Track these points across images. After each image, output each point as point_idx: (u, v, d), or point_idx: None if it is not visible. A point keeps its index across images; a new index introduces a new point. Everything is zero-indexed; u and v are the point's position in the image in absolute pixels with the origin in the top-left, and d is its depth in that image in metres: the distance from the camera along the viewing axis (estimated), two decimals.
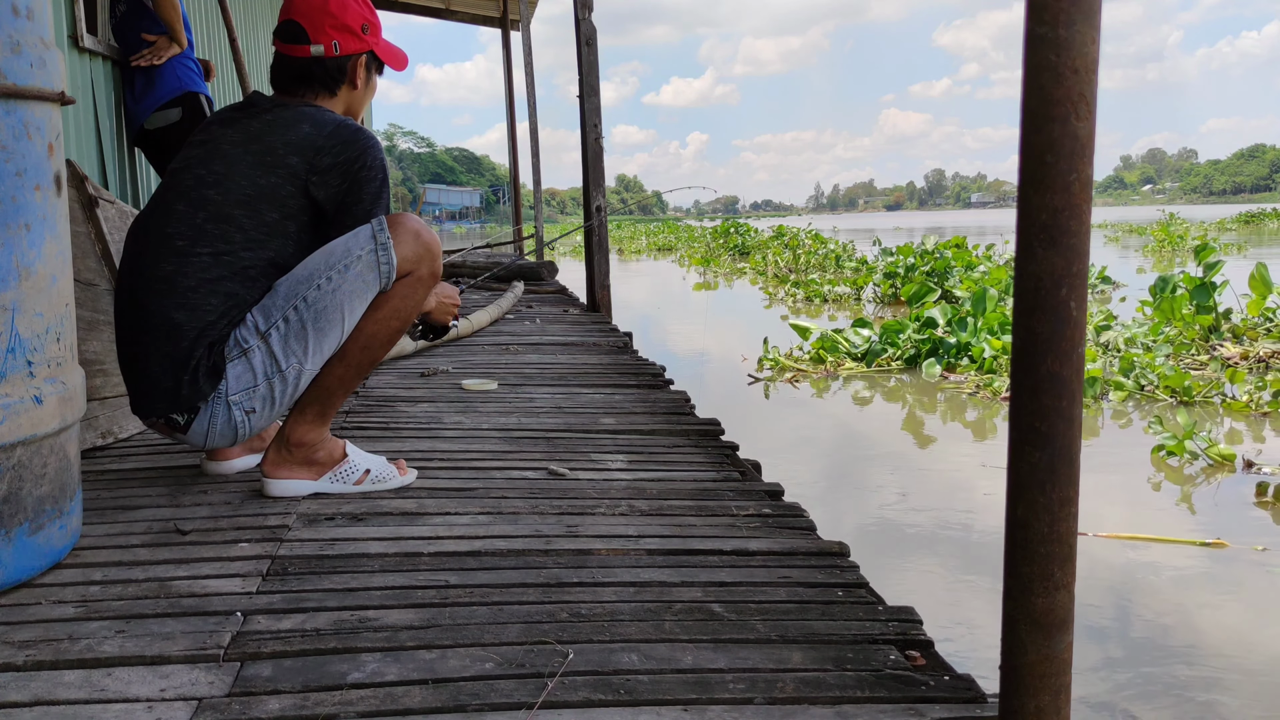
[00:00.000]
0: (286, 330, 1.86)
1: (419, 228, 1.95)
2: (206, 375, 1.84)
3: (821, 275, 13.14)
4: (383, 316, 1.92)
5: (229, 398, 1.86)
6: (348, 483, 2.00)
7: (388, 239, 1.89)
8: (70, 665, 1.27)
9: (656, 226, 43.66)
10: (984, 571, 3.04)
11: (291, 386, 1.89)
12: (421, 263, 1.93)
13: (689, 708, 1.17)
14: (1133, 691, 2.28)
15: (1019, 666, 1.01)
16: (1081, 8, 0.93)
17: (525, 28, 9.70)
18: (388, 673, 1.24)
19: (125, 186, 4.20)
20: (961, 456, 4.39)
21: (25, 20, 1.47)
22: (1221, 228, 28.76)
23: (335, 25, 2.03)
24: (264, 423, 1.92)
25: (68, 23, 3.67)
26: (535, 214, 9.96)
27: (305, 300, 1.86)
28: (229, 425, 1.88)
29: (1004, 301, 7.11)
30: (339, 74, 2.05)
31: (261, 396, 1.88)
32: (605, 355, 3.96)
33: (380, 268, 1.88)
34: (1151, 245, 20.19)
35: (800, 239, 18.70)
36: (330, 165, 1.91)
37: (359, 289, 1.88)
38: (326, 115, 1.97)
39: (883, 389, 5.93)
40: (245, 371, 1.85)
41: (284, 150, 1.90)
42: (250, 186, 1.88)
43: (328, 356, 1.91)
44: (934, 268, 9.95)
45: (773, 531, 1.80)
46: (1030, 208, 0.96)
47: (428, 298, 2.13)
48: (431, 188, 67.47)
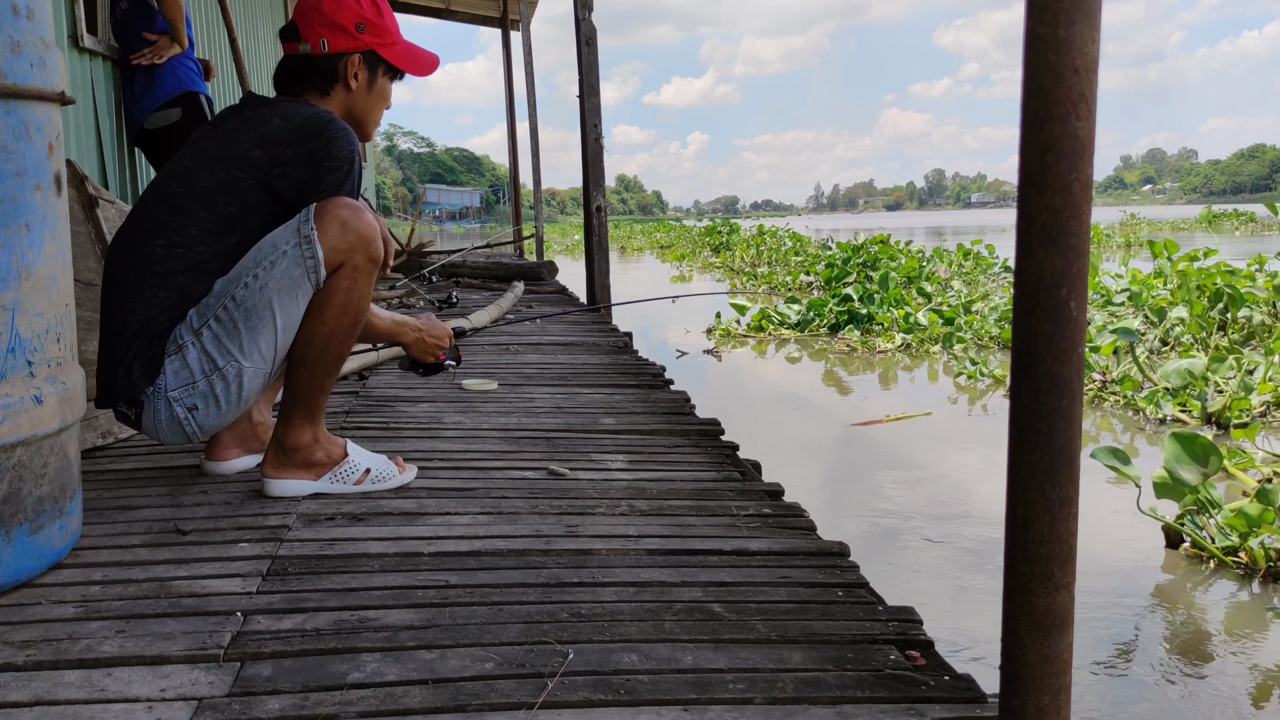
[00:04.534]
0: (219, 329, 1.82)
1: (349, 215, 1.84)
2: (142, 369, 1.82)
3: (772, 268, 15.41)
4: (330, 316, 1.86)
5: (168, 394, 1.83)
6: (348, 483, 1.99)
7: (311, 230, 1.81)
8: (70, 665, 1.27)
9: (652, 226, 45.08)
10: (984, 571, 3.04)
11: (235, 385, 1.84)
12: (354, 252, 1.84)
13: (689, 708, 1.17)
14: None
15: (1019, 666, 1.01)
16: (1081, 8, 0.93)
17: (525, 28, 9.70)
18: (388, 673, 1.24)
19: (125, 186, 4.20)
20: (864, 400, 5.85)
21: (25, 20, 1.47)
22: (1174, 228, 30.61)
23: (324, 23, 1.99)
24: (213, 421, 1.88)
25: (68, 23, 3.67)
26: (535, 214, 9.96)
27: (234, 299, 1.82)
28: (174, 422, 1.85)
29: (906, 286, 9.65)
30: (329, 73, 2.01)
31: (202, 394, 1.84)
32: (605, 355, 3.96)
33: (306, 263, 1.81)
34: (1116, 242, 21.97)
35: (781, 238, 20.69)
36: (293, 156, 1.87)
37: (287, 285, 1.82)
38: (301, 109, 1.93)
39: (810, 350, 7.79)
40: (182, 369, 1.82)
41: (249, 144, 1.88)
42: (210, 180, 1.87)
43: (270, 355, 1.85)
44: (866, 259, 11.74)
45: (773, 531, 1.80)
46: (1030, 208, 0.96)
47: (408, 332, 2.12)
48: (431, 188, 67.47)
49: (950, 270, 12.19)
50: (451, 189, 72.51)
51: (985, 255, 13.01)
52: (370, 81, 2.06)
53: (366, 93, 2.06)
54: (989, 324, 7.54)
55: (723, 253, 20.35)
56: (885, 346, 7.44)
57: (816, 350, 7.64)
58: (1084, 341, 0.98)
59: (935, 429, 4.99)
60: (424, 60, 2.13)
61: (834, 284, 10.18)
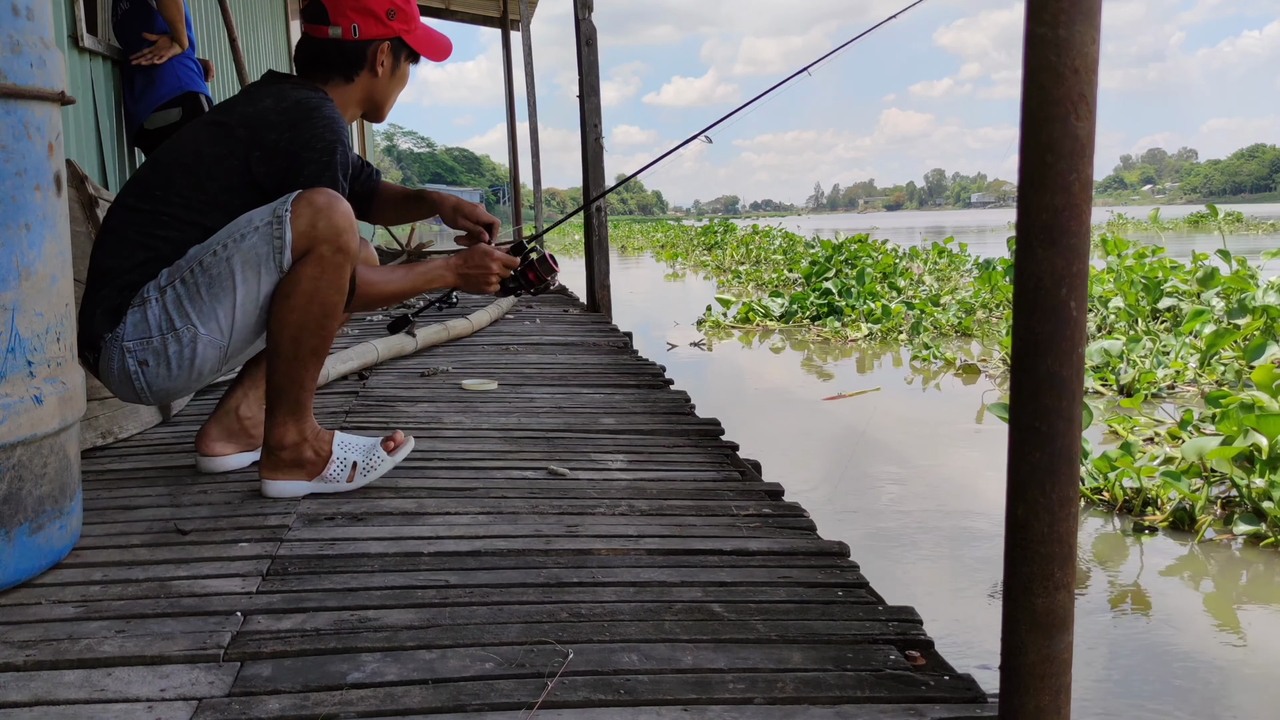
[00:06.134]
0: (183, 291, 1.83)
1: (325, 203, 1.81)
2: (105, 314, 1.84)
3: (758, 266, 16.12)
4: (298, 304, 1.83)
5: (123, 343, 1.84)
6: (340, 482, 1.98)
7: (285, 212, 1.80)
8: (70, 665, 1.27)
9: (651, 225, 45.65)
10: (984, 570, 3.04)
11: (188, 349, 1.84)
12: (324, 241, 1.81)
13: (689, 708, 1.17)
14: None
15: (1019, 666, 1.01)
16: (1081, 8, 0.93)
17: (525, 28, 9.70)
18: (388, 673, 1.24)
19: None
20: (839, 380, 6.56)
21: (25, 20, 1.47)
22: (1160, 228, 32.01)
23: (356, 7, 1.99)
24: (162, 383, 1.87)
25: (68, 23, 3.67)
26: (535, 214, 9.96)
27: (202, 264, 1.83)
28: (124, 373, 1.86)
29: (881, 282, 10.42)
30: (358, 58, 2.01)
31: (155, 351, 1.84)
32: (605, 355, 3.96)
33: (274, 242, 1.80)
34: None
35: (773, 237, 21.53)
36: (275, 143, 1.87)
37: (251, 260, 1.81)
38: (294, 93, 1.93)
39: (792, 340, 8.43)
40: (141, 321, 1.83)
41: (237, 122, 1.89)
42: (196, 155, 1.89)
43: (227, 328, 1.84)
44: (847, 257, 12.38)
45: (773, 531, 1.80)
46: (1030, 208, 0.96)
47: (443, 275, 2.07)
48: (431, 188, 67.49)
49: (923, 267, 12.82)
50: (451, 189, 72.57)
51: (957, 253, 13.75)
52: (394, 67, 2.07)
53: (390, 78, 2.07)
54: (949, 314, 8.36)
55: (714, 251, 21.08)
56: (854, 336, 8.08)
57: (798, 340, 8.29)
58: (1084, 341, 0.98)
59: (892, 405, 5.67)
60: (441, 44, 2.14)
61: (814, 279, 10.89)
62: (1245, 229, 30.44)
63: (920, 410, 5.57)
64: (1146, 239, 17.90)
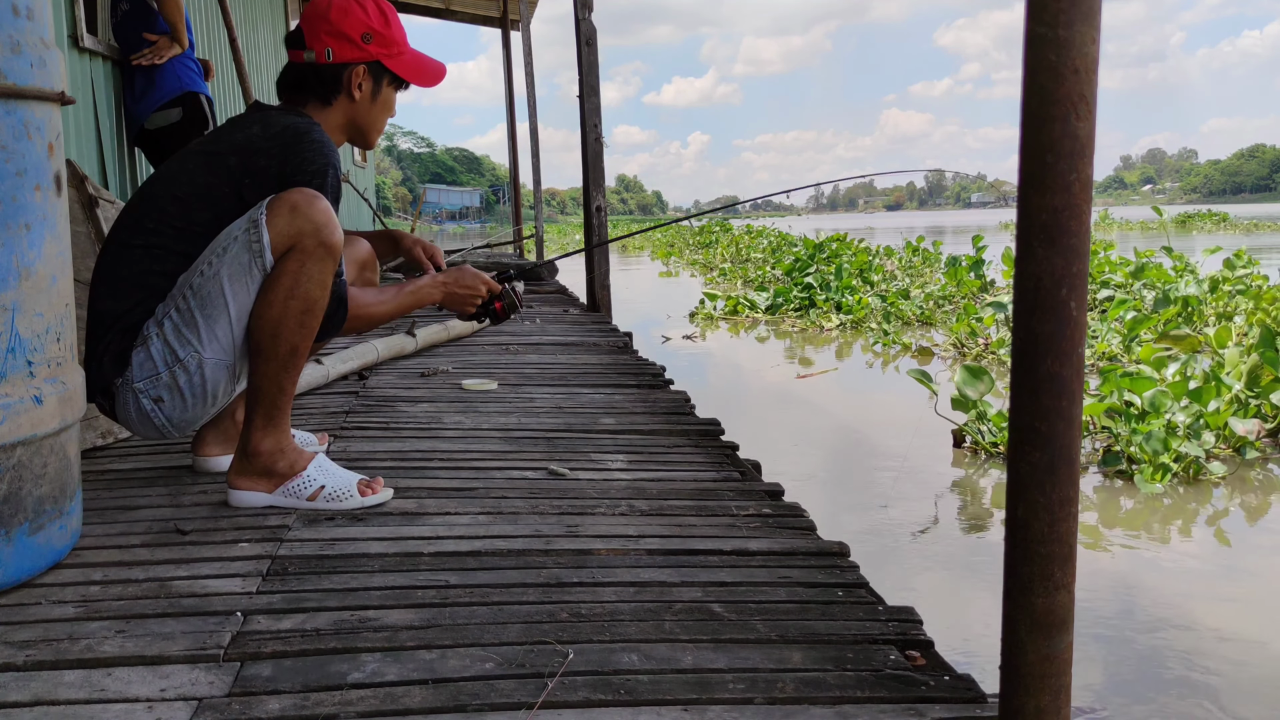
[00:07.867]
0: (178, 319, 1.82)
1: (300, 201, 1.80)
2: (112, 360, 1.84)
3: (745, 264, 16.74)
4: (277, 299, 1.81)
5: (134, 385, 1.84)
6: (300, 498, 1.91)
7: (260, 215, 1.79)
8: (70, 665, 1.27)
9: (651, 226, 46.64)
10: (984, 571, 3.04)
11: (197, 376, 1.84)
12: (302, 236, 1.79)
13: (689, 708, 1.17)
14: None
15: (1019, 666, 1.01)
16: (1081, 8, 0.93)
17: (525, 28, 9.70)
18: (388, 673, 1.24)
19: (125, 186, 4.20)
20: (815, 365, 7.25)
21: (25, 20, 1.47)
22: (1144, 228, 33.62)
23: (330, 31, 1.97)
24: (180, 414, 1.87)
25: (68, 23, 3.67)
26: (535, 214, 9.96)
27: (191, 288, 1.82)
28: (142, 414, 1.86)
29: (857, 277, 11.09)
30: (333, 83, 1.99)
31: (166, 386, 1.84)
32: (605, 355, 3.96)
33: (252, 246, 1.79)
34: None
35: (767, 235, 22.61)
36: (265, 167, 1.86)
37: (236, 271, 1.80)
38: (282, 118, 1.92)
39: (776, 330, 9.26)
40: (147, 360, 1.83)
41: (227, 150, 1.88)
42: (188, 185, 1.88)
43: (229, 344, 1.84)
44: (829, 254, 13.11)
45: (773, 531, 1.80)
46: (1030, 208, 0.96)
47: (431, 293, 2.09)
48: (431, 188, 67.43)
49: (896, 264, 13.56)
50: (451, 189, 72.47)
51: (930, 251, 14.53)
52: (375, 92, 2.04)
53: (370, 103, 2.04)
54: (913, 306, 9.30)
55: (705, 251, 21.84)
56: (828, 326, 8.95)
57: (781, 330, 9.21)
58: (1084, 341, 0.98)
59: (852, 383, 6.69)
60: (431, 70, 2.10)
61: (795, 275, 11.72)
62: (1229, 228, 32.43)
63: (872, 387, 6.56)
64: (1121, 236, 18.81)
